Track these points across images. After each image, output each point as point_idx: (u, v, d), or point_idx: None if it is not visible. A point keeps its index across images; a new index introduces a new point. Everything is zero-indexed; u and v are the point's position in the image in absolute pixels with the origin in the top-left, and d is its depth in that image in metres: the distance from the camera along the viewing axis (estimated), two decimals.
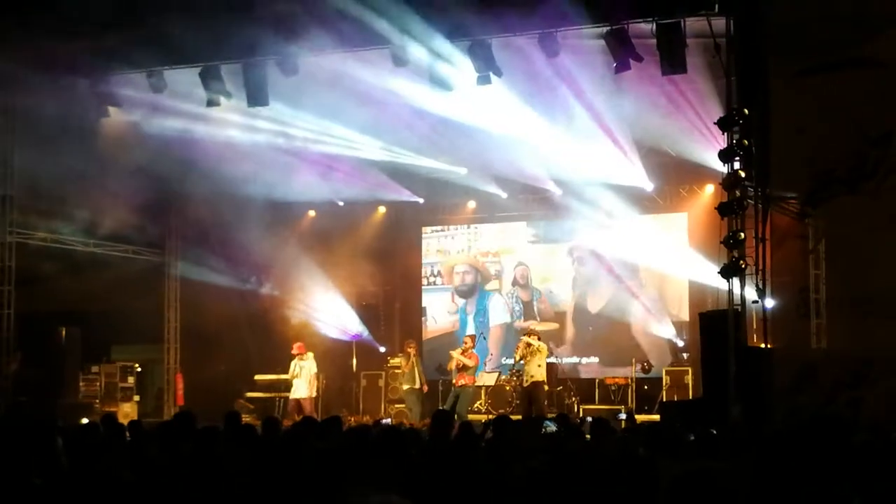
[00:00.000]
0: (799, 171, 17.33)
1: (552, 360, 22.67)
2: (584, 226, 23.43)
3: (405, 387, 22.48)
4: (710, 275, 18.31)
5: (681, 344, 22.79)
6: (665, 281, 23.44)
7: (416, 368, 22.36)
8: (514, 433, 9.66)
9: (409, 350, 22.63)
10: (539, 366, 20.35)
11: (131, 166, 20.85)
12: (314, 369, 22.06)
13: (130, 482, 7.09)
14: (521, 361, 20.57)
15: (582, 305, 24.35)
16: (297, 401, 21.84)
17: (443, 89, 18.65)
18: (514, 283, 25.11)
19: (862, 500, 4.51)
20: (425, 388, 22.59)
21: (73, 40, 18.45)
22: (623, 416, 20.20)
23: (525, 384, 20.49)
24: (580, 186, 22.57)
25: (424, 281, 25.97)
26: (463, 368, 20.81)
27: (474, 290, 25.38)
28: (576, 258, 24.34)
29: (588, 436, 10.64)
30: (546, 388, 21.04)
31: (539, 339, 20.70)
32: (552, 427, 10.61)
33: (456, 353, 21.08)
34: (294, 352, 22.12)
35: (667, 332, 23.18)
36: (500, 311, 25.15)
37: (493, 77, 18.15)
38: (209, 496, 7.37)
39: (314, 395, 22.19)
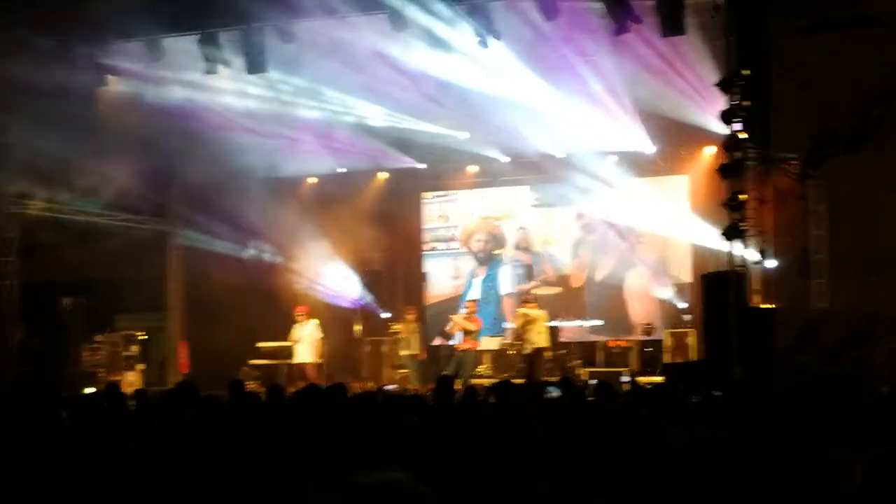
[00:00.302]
0: (800, 132, 17.30)
1: (554, 323, 22.70)
2: (587, 190, 23.38)
3: (403, 353, 22.61)
4: (711, 237, 18.32)
5: (683, 306, 22.78)
6: (667, 243, 23.40)
7: (413, 335, 22.45)
8: (516, 397, 9.68)
9: (408, 317, 22.74)
10: (539, 332, 20.46)
11: (131, 135, 20.84)
12: (318, 334, 22.12)
13: (135, 452, 7.11)
14: (523, 329, 20.67)
15: (584, 269, 24.35)
16: (301, 366, 21.91)
17: (442, 51, 18.62)
18: (517, 246, 25.10)
19: (865, 460, 4.51)
20: (423, 355, 22.69)
21: (70, 8, 18.38)
22: (626, 378, 20.22)
23: (526, 352, 20.58)
24: (582, 150, 22.55)
25: (426, 246, 25.97)
26: (466, 333, 20.85)
27: (490, 258, 25.36)
28: (583, 224, 24.27)
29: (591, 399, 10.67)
30: (548, 353, 21.13)
31: (537, 305, 20.77)
32: (555, 392, 10.62)
33: (458, 318, 21.12)
34: (297, 315, 22.18)
35: (669, 294, 23.19)
36: (507, 278, 25.17)
37: (492, 40, 18.12)
38: (214, 465, 7.39)
39: (318, 360, 22.25)
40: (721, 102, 16.47)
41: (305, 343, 21.99)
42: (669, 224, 23.00)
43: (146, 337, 24.46)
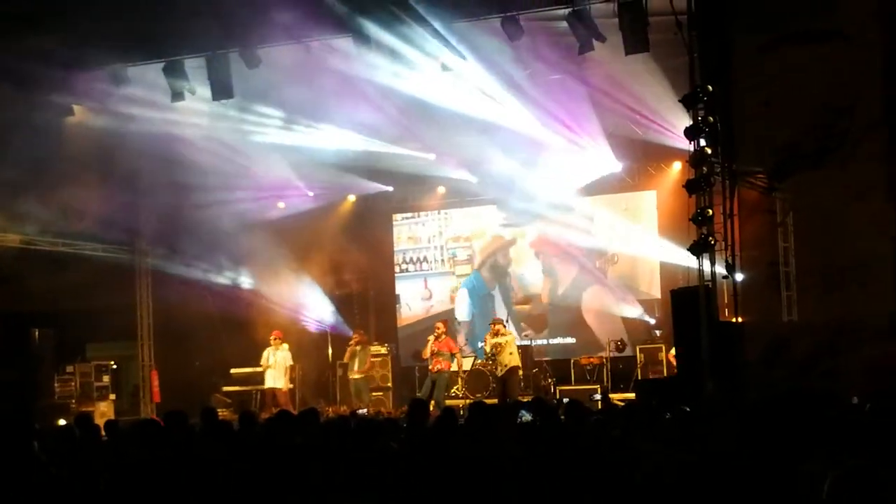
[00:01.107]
0: (765, 146, 17.38)
1: (525, 342, 22.74)
2: (552, 208, 23.47)
3: (351, 376, 22.67)
4: (680, 252, 18.40)
5: (653, 321, 22.89)
6: (636, 259, 23.53)
7: (353, 359, 22.42)
8: (490, 419, 9.67)
9: (354, 337, 22.82)
10: (511, 353, 20.50)
11: (98, 164, 20.77)
12: (289, 360, 22.09)
13: (107, 483, 7.09)
14: (493, 351, 20.70)
15: (553, 287, 24.42)
16: (272, 391, 21.86)
17: (407, 72, 18.66)
18: (484, 266, 25.16)
19: (836, 474, 4.57)
20: (361, 374, 22.71)
21: (35, 37, 18.31)
22: (598, 396, 20.26)
23: (500, 373, 20.60)
24: (547, 168, 22.66)
25: (397, 269, 25.98)
26: (437, 354, 20.84)
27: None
28: (541, 247, 24.39)
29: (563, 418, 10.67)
30: (521, 372, 21.17)
31: (504, 326, 20.82)
32: (527, 416, 10.62)
33: (431, 339, 21.09)
34: (272, 339, 22.14)
35: (639, 310, 23.28)
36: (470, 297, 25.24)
37: (457, 61, 18.18)
38: (187, 495, 7.37)
39: (289, 385, 22.22)
40: (686, 118, 16.57)
41: (277, 369, 21.96)
42: (637, 239, 23.12)
43: (117, 367, 24.35)
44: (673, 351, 19.46)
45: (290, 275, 24.60)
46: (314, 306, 24.95)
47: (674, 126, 19.54)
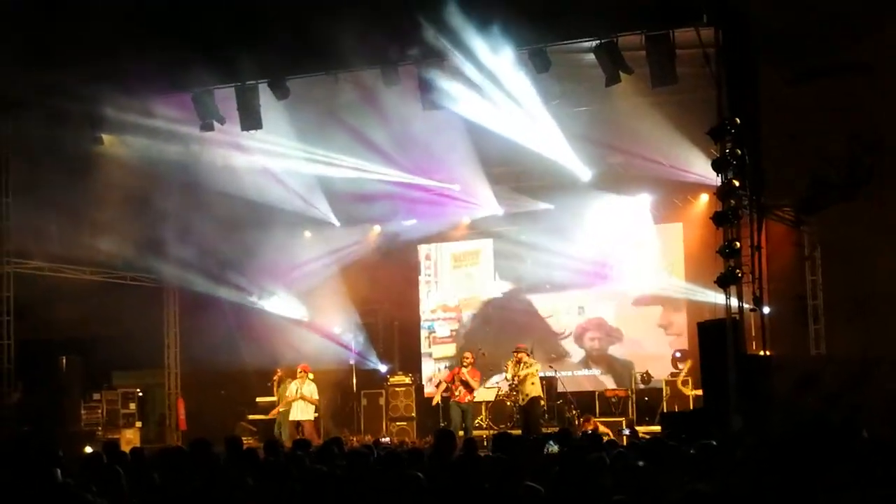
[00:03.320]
0: (792, 179, 17.34)
1: (550, 373, 22.67)
2: (584, 238, 23.49)
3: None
4: (707, 284, 18.34)
5: (679, 354, 22.78)
6: (662, 291, 23.44)
7: (299, 391, 22.04)
8: (515, 451, 9.66)
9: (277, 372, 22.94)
10: (533, 384, 20.39)
11: (126, 192, 20.91)
12: (315, 393, 21.94)
13: None
14: (515, 380, 20.61)
15: (579, 317, 24.39)
16: (299, 422, 21.78)
17: (436, 104, 18.74)
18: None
19: None
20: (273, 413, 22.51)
21: (66, 68, 18.48)
22: (626, 431, 20.12)
23: (522, 403, 20.49)
24: (580, 198, 22.75)
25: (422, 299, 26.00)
26: (465, 384, 20.78)
27: None
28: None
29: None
30: (543, 402, 21.07)
31: (528, 355, 20.71)
32: (554, 447, 10.60)
33: (466, 371, 20.96)
34: (298, 371, 22.08)
35: (665, 341, 23.20)
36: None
37: (486, 91, 18.29)
38: None
39: (314, 416, 22.13)
40: (713, 150, 16.56)
41: (304, 402, 21.82)
42: (665, 271, 23.11)
43: (143, 394, 24.42)
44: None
45: (316, 303, 24.66)
46: (339, 335, 24.97)
47: (698, 159, 19.59)
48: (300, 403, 21.75)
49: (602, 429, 20.06)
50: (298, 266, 24.43)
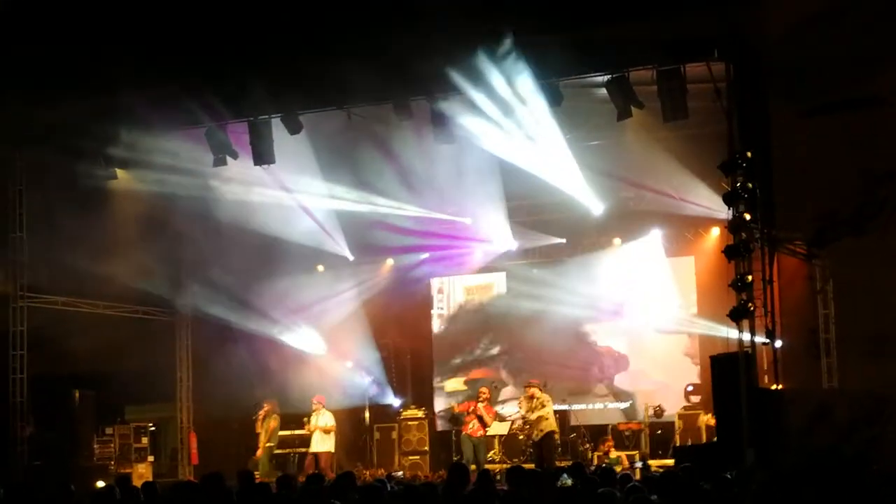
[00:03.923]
0: (804, 213, 17.36)
1: (563, 407, 22.63)
2: (596, 272, 23.52)
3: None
4: (719, 317, 18.33)
5: (692, 387, 22.72)
6: (675, 324, 23.41)
7: (263, 430, 22.13)
8: (529, 485, 9.65)
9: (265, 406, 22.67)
10: (546, 418, 20.31)
11: (140, 226, 21.01)
12: (331, 421, 21.93)
13: None
14: (528, 416, 20.55)
15: (591, 349, 24.39)
16: (315, 454, 21.73)
17: (445, 142, 18.86)
18: None
19: None
20: (259, 452, 22.28)
21: (79, 102, 18.61)
22: (639, 464, 20.05)
23: (536, 437, 20.41)
24: (592, 231, 22.81)
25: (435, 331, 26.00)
26: (481, 419, 20.78)
27: None
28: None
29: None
30: (557, 436, 21.02)
31: (540, 390, 20.66)
32: (568, 481, 10.59)
33: (482, 406, 20.95)
34: (313, 403, 22.05)
35: (678, 375, 23.15)
36: None
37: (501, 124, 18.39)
38: None
39: (332, 449, 22.05)
40: (725, 184, 16.59)
41: (321, 432, 21.79)
42: (676, 304, 23.11)
43: (155, 428, 24.43)
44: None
45: (329, 336, 24.66)
46: (352, 368, 24.96)
47: (709, 192, 19.64)
48: (317, 434, 21.75)
49: (614, 452, 20.10)
50: (312, 299, 24.41)
